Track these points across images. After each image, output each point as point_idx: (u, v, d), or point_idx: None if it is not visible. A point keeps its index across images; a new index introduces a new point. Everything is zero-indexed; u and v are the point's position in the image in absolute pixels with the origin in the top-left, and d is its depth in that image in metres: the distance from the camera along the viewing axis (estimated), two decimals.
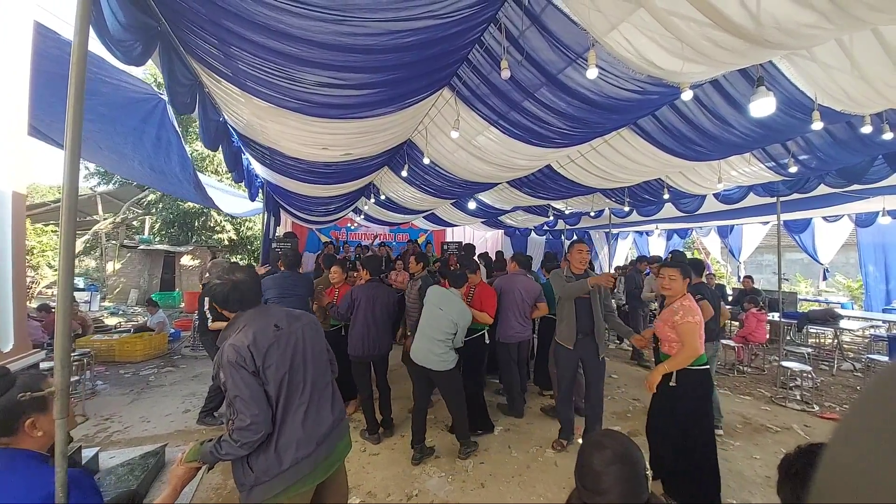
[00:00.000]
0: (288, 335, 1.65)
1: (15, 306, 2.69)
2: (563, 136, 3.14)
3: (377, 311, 3.62)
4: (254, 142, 3.87)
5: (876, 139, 3.56)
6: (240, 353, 1.48)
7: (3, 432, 1.15)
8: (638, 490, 0.74)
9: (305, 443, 1.57)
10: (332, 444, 1.68)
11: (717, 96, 3.10)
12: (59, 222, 1.30)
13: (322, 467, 1.63)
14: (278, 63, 2.13)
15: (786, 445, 3.79)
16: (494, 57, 2.51)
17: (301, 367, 1.65)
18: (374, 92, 2.52)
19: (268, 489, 1.50)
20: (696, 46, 1.99)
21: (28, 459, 1.19)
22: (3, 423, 1.15)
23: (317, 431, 1.62)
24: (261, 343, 1.53)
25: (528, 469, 3.38)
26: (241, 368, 1.48)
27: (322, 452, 1.63)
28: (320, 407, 1.67)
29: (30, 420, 1.18)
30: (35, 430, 1.19)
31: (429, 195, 5.85)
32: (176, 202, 12.70)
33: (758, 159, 4.49)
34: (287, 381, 1.57)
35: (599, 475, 0.75)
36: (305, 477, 1.56)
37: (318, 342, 1.79)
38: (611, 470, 0.75)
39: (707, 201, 6.50)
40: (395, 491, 3.08)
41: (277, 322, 1.66)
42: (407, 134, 3.91)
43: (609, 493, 0.73)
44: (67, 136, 1.32)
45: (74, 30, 1.37)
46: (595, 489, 0.75)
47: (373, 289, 3.67)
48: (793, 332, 7.16)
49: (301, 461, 1.55)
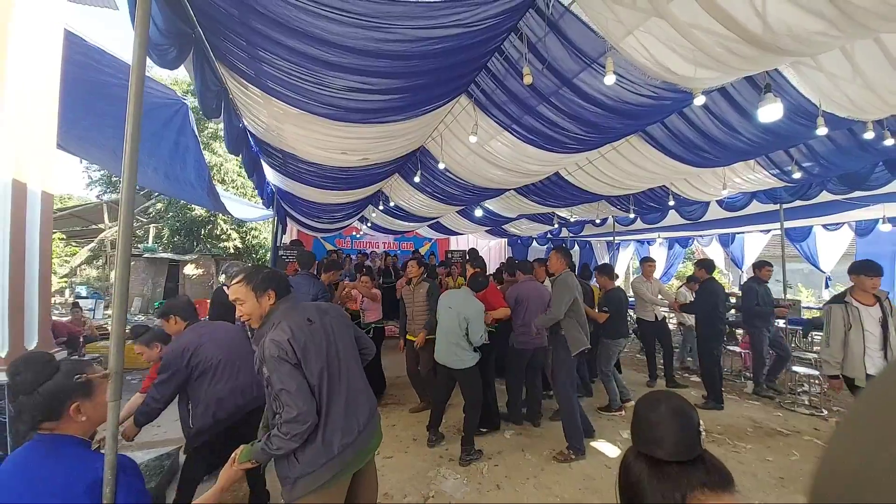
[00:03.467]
0: (321, 328, 1.69)
1: (40, 306, 2.73)
2: (576, 141, 3.24)
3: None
4: (270, 147, 3.95)
5: (877, 145, 3.66)
6: (281, 347, 1.51)
7: (49, 417, 1.16)
8: (692, 442, 0.78)
9: (348, 431, 1.61)
10: (369, 434, 1.72)
11: (724, 103, 3.21)
12: (118, 221, 1.36)
13: (361, 455, 1.66)
14: (310, 68, 2.22)
15: (797, 448, 3.81)
16: (512, 63, 2.62)
17: (336, 359, 1.68)
18: (398, 97, 2.61)
19: (314, 480, 1.52)
20: (710, 52, 2.09)
21: (73, 446, 1.20)
22: (49, 408, 1.16)
23: (356, 420, 1.66)
24: (298, 337, 1.56)
25: (542, 471, 3.38)
26: (285, 362, 1.51)
27: (362, 441, 1.66)
28: (357, 397, 1.71)
29: (75, 405, 1.19)
30: (80, 416, 1.20)
31: (439, 202, 5.93)
32: (184, 210, 12.79)
33: (762, 166, 4.60)
34: (326, 372, 1.61)
35: (655, 426, 0.80)
36: (348, 465, 1.59)
37: (346, 334, 1.82)
38: (666, 421, 0.79)
39: (711, 208, 6.59)
40: (411, 492, 3.09)
41: (310, 316, 1.69)
42: (422, 139, 4.01)
43: (664, 442, 0.77)
44: (126, 155, 1.36)
45: (133, 56, 1.44)
46: (651, 439, 0.80)
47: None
48: (798, 338, 7.19)
49: (346, 449, 1.58)
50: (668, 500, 0.74)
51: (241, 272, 1.66)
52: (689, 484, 0.73)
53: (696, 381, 5.76)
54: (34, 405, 1.14)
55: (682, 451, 0.77)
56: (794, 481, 3.28)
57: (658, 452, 0.78)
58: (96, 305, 10.90)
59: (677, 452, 0.77)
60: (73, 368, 1.23)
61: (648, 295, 5.51)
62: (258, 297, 1.62)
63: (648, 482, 0.77)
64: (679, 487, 0.73)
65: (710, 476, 0.75)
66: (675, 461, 0.77)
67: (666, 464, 0.77)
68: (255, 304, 1.61)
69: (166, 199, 12.90)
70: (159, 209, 13.24)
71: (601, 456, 3.66)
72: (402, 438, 3.94)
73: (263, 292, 1.63)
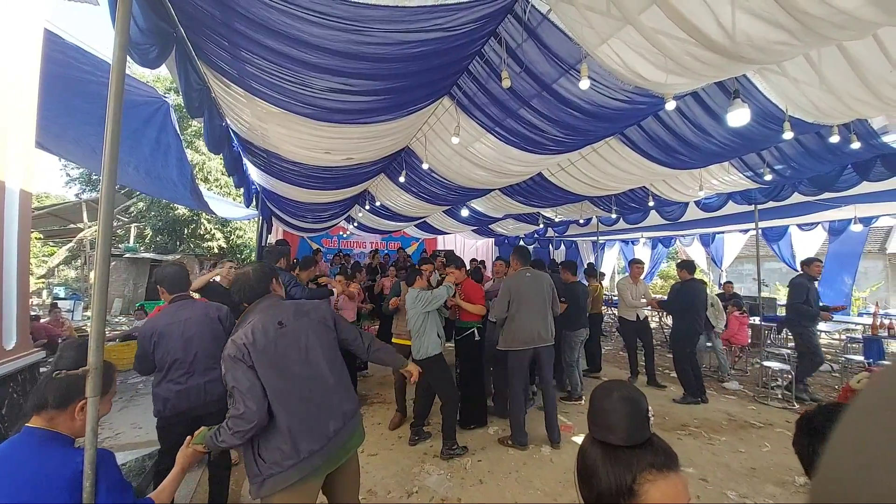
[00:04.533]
0: (292, 331, 1.70)
1: (18, 305, 2.70)
2: (556, 143, 3.32)
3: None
4: (254, 146, 3.95)
5: (844, 149, 3.84)
6: (238, 348, 1.57)
7: (57, 404, 1.21)
8: (641, 427, 0.84)
9: (316, 437, 1.61)
10: (346, 436, 1.72)
11: (697, 108, 3.33)
12: (98, 217, 1.38)
13: (333, 459, 1.67)
14: (292, 68, 2.25)
15: (769, 440, 3.97)
16: (493, 67, 2.68)
17: (305, 363, 1.69)
18: (380, 98, 2.65)
19: (281, 480, 1.53)
20: (679, 60, 2.18)
21: (57, 442, 1.23)
22: (64, 395, 1.21)
23: (325, 426, 1.65)
24: (259, 340, 1.60)
25: (524, 465, 3.46)
26: (240, 362, 1.55)
27: (334, 446, 1.66)
28: (329, 400, 1.70)
29: (82, 403, 1.25)
30: (81, 413, 1.25)
31: (424, 202, 5.98)
32: (166, 210, 12.57)
33: (736, 168, 4.76)
34: (290, 376, 1.63)
35: (608, 412, 0.85)
36: (317, 469, 1.61)
37: (325, 336, 1.82)
38: (617, 408, 0.85)
39: (689, 209, 6.77)
40: (395, 488, 3.13)
41: (283, 319, 1.71)
42: (406, 140, 4.05)
43: (616, 428, 0.83)
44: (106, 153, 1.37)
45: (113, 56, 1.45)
46: (604, 426, 0.85)
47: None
48: (772, 334, 7.43)
49: (313, 455, 1.59)
50: (620, 481, 0.78)
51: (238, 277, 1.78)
52: (638, 466, 0.78)
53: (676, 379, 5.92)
54: (54, 386, 1.21)
55: (633, 436, 0.82)
56: (764, 471, 3.42)
57: (611, 438, 0.83)
58: (75, 307, 10.65)
59: (628, 437, 0.82)
60: (107, 366, 1.35)
61: (630, 298, 5.69)
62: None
63: (603, 466, 0.81)
64: (630, 470, 0.78)
65: (657, 457, 0.79)
66: (626, 446, 0.82)
67: (618, 448, 0.82)
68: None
69: (148, 199, 12.66)
70: (141, 208, 12.99)
71: None
72: (388, 436, 3.98)
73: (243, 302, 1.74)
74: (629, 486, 0.76)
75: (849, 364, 6.08)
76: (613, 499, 0.77)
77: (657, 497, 0.75)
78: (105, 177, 1.39)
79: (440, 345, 3.59)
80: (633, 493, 0.76)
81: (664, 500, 0.75)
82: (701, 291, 5.14)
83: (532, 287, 3.69)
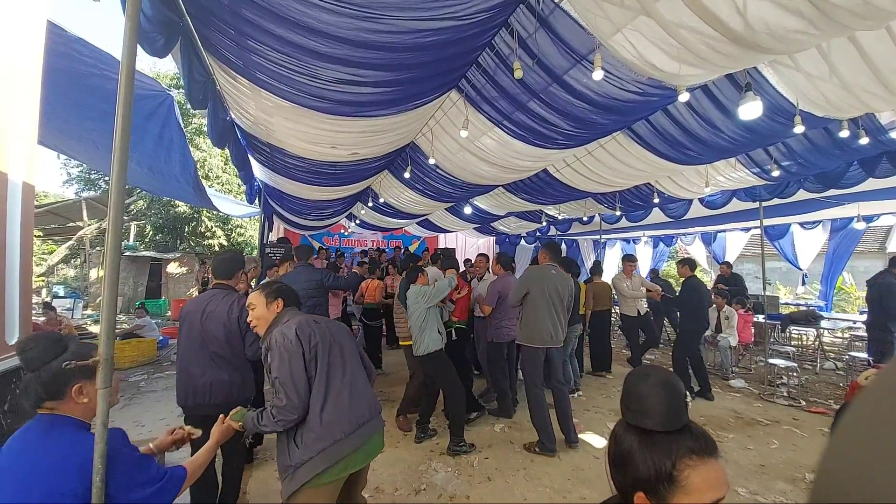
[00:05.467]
0: (326, 329, 1.80)
1: (21, 300, 2.66)
2: (566, 137, 3.29)
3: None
4: (258, 140, 3.91)
5: (852, 144, 3.81)
6: (287, 337, 1.64)
7: (52, 396, 1.18)
8: (679, 412, 0.81)
9: (348, 422, 1.67)
10: (370, 432, 1.76)
11: (706, 102, 3.30)
12: (109, 203, 1.34)
13: (362, 453, 1.71)
14: (301, 58, 2.21)
15: (777, 437, 3.94)
16: (503, 58, 2.65)
17: (339, 356, 1.77)
18: (389, 90, 2.62)
19: (312, 467, 1.57)
20: (695, 50, 2.15)
21: (70, 426, 1.20)
22: (52, 387, 1.17)
23: (357, 415, 1.72)
24: (305, 329, 1.69)
25: (532, 463, 3.43)
26: (286, 352, 1.61)
27: (362, 436, 1.71)
28: (360, 395, 1.78)
29: (77, 386, 1.20)
30: (81, 397, 1.22)
31: (428, 198, 5.94)
32: (167, 207, 12.52)
33: (742, 164, 4.74)
34: (329, 363, 1.71)
35: (644, 397, 0.82)
36: (345, 460, 1.64)
37: (349, 341, 1.91)
38: (654, 392, 0.82)
39: (693, 206, 6.75)
40: (402, 486, 3.10)
41: (316, 319, 1.83)
42: (412, 135, 4.01)
43: (653, 413, 0.80)
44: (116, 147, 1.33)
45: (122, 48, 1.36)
46: (639, 410, 0.82)
47: None
48: (776, 332, 7.42)
49: (345, 438, 1.64)
50: (659, 467, 0.76)
51: (262, 284, 1.92)
52: (678, 451, 0.76)
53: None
54: (39, 382, 1.16)
55: (671, 421, 0.80)
56: (774, 468, 3.39)
57: (647, 423, 0.81)
58: (75, 305, 10.59)
59: (666, 422, 0.80)
60: (79, 349, 1.25)
61: (627, 290, 5.79)
62: (268, 304, 1.79)
63: (640, 452, 0.79)
64: (669, 455, 0.76)
65: (697, 442, 0.77)
66: (663, 431, 0.79)
67: (655, 434, 0.79)
68: (264, 310, 1.79)
69: (148, 197, 12.60)
70: (141, 206, 12.92)
71: (589, 447, 3.73)
72: (393, 434, 3.94)
73: (273, 300, 1.81)
74: (669, 472, 0.74)
75: (853, 362, 6.09)
76: (652, 485, 0.75)
77: (698, 483, 0.73)
78: (115, 164, 1.35)
79: (441, 341, 3.58)
80: (673, 479, 0.74)
81: (706, 485, 0.73)
82: (705, 287, 5.20)
83: (555, 285, 3.59)
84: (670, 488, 0.74)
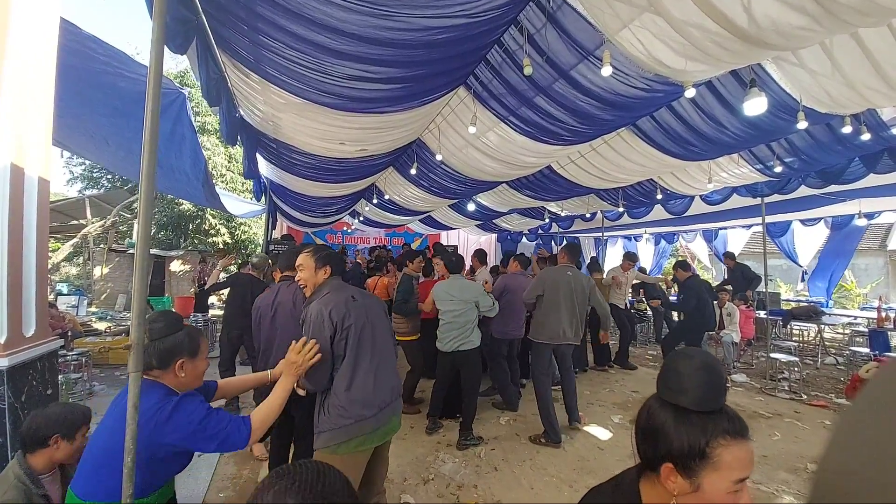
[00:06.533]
0: (362, 306, 1.89)
1: (37, 294, 2.71)
2: (572, 133, 3.33)
3: None
4: (266, 137, 3.96)
5: (854, 140, 3.85)
6: (321, 315, 1.75)
7: (160, 365, 1.40)
8: (718, 396, 0.82)
9: (369, 405, 1.77)
10: (390, 413, 1.87)
11: (711, 98, 3.34)
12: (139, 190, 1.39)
13: (380, 433, 1.81)
14: (314, 55, 2.25)
15: (778, 429, 4.00)
16: (511, 54, 2.69)
17: (370, 335, 1.86)
18: (399, 87, 2.66)
19: (333, 436, 1.72)
20: (701, 46, 2.19)
21: (162, 390, 1.40)
22: (163, 357, 1.40)
23: (380, 397, 1.81)
24: (339, 309, 1.78)
25: (538, 454, 3.49)
26: (318, 328, 1.73)
27: (383, 418, 1.81)
28: (385, 376, 1.87)
29: (181, 361, 1.42)
30: (181, 371, 1.42)
31: (433, 195, 5.99)
32: (171, 205, 12.56)
33: (746, 161, 4.77)
34: (359, 344, 1.80)
35: (682, 376, 0.83)
36: (366, 436, 1.75)
37: (384, 320, 2.01)
38: (694, 373, 0.83)
39: (694, 203, 6.79)
40: (411, 475, 3.15)
41: (354, 294, 1.92)
42: (420, 131, 4.05)
43: (690, 392, 0.81)
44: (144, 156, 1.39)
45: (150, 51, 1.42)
46: (676, 388, 0.84)
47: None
48: (778, 328, 7.47)
49: (364, 420, 1.74)
50: (694, 443, 0.78)
51: (311, 247, 2.02)
52: (713, 431, 0.78)
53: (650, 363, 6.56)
54: (154, 350, 1.39)
55: (709, 402, 0.81)
56: (776, 459, 3.45)
57: (684, 401, 0.82)
58: (80, 302, 10.65)
59: (704, 402, 0.81)
60: (191, 332, 1.51)
61: (622, 280, 6.22)
62: (316, 269, 1.90)
63: (675, 428, 0.81)
64: (705, 434, 0.78)
65: (732, 424, 0.79)
66: (700, 411, 0.81)
67: (691, 412, 0.81)
68: (312, 273, 1.89)
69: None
70: None
71: (593, 439, 3.79)
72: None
73: (322, 266, 1.90)
74: (702, 450, 0.77)
75: (854, 357, 6.14)
76: (683, 459, 0.78)
77: (729, 461, 0.76)
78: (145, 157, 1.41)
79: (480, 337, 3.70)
80: (706, 456, 0.77)
81: (736, 464, 0.76)
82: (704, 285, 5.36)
83: (569, 285, 3.71)
84: (701, 463, 0.77)
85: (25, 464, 1.60)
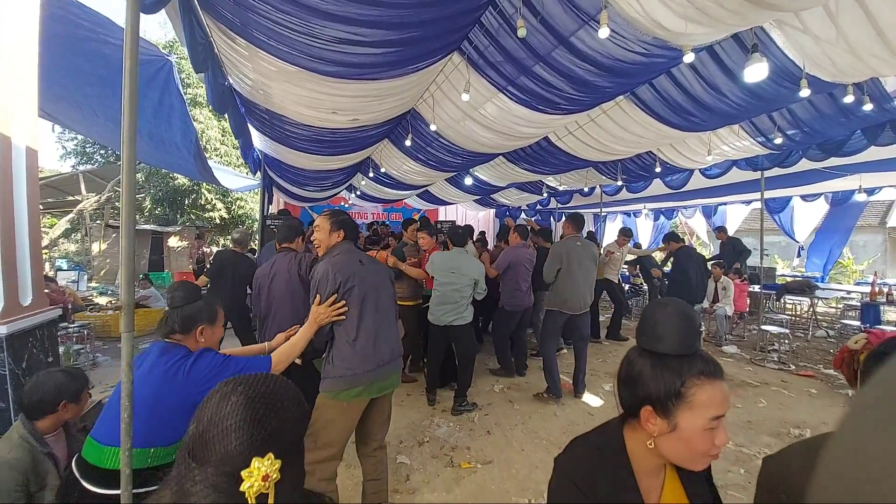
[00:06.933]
0: (368, 270, 2.02)
1: (32, 263, 2.72)
2: (569, 102, 3.26)
3: None
4: (257, 106, 3.87)
5: (857, 112, 3.78)
6: (326, 274, 1.89)
7: (182, 330, 1.53)
8: (692, 340, 0.85)
9: (370, 360, 1.92)
10: (388, 371, 2.02)
11: (712, 65, 3.25)
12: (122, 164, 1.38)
13: (377, 386, 1.97)
14: (301, 16, 2.18)
15: (765, 397, 4.11)
16: (506, 18, 2.60)
17: (374, 300, 1.98)
18: (390, 51, 2.58)
19: (334, 384, 1.89)
20: (701, 6, 2.12)
21: (182, 351, 1.51)
22: (185, 323, 1.53)
23: (380, 357, 1.96)
24: (344, 270, 1.91)
25: (530, 419, 3.60)
26: (322, 285, 1.88)
27: (382, 373, 1.97)
28: (387, 336, 2.02)
29: (201, 327, 1.56)
30: (200, 336, 1.56)
31: (429, 168, 5.92)
32: (166, 179, 12.42)
33: (747, 133, 4.69)
34: (362, 303, 1.93)
35: (659, 324, 0.87)
36: (364, 388, 1.91)
37: (388, 287, 2.13)
38: (669, 320, 0.86)
39: (693, 177, 6.72)
40: (406, 439, 3.26)
41: (362, 259, 2.05)
42: (413, 101, 3.96)
43: (666, 338, 0.85)
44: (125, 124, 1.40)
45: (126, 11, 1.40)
46: (653, 335, 0.87)
47: None
48: (772, 302, 7.56)
49: (365, 374, 1.90)
50: (669, 386, 0.82)
51: (330, 210, 2.12)
52: (688, 372, 0.81)
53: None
54: (177, 317, 1.53)
55: (684, 347, 0.84)
56: (760, 424, 3.57)
57: (660, 347, 0.85)
58: (80, 277, 10.70)
59: (680, 347, 0.84)
60: (210, 301, 1.63)
61: (617, 255, 6.32)
62: (331, 231, 2.03)
63: (652, 372, 0.84)
64: (680, 375, 0.81)
65: (706, 365, 0.83)
66: (676, 355, 0.84)
67: (668, 357, 0.84)
68: (326, 235, 2.04)
69: (147, 169, 12.48)
70: (140, 180, 12.82)
71: (584, 405, 3.91)
72: (396, 393, 4.08)
73: (336, 230, 2.04)
74: (678, 390, 0.81)
75: (845, 330, 6.25)
76: (661, 401, 0.82)
77: (704, 399, 0.80)
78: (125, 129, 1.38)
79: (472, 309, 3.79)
80: (681, 395, 0.80)
81: (710, 402, 0.80)
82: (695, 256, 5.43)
83: (582, 255, 3.85)
84: (678, 403, 0.80)
85: (30, 424, 1.65)
